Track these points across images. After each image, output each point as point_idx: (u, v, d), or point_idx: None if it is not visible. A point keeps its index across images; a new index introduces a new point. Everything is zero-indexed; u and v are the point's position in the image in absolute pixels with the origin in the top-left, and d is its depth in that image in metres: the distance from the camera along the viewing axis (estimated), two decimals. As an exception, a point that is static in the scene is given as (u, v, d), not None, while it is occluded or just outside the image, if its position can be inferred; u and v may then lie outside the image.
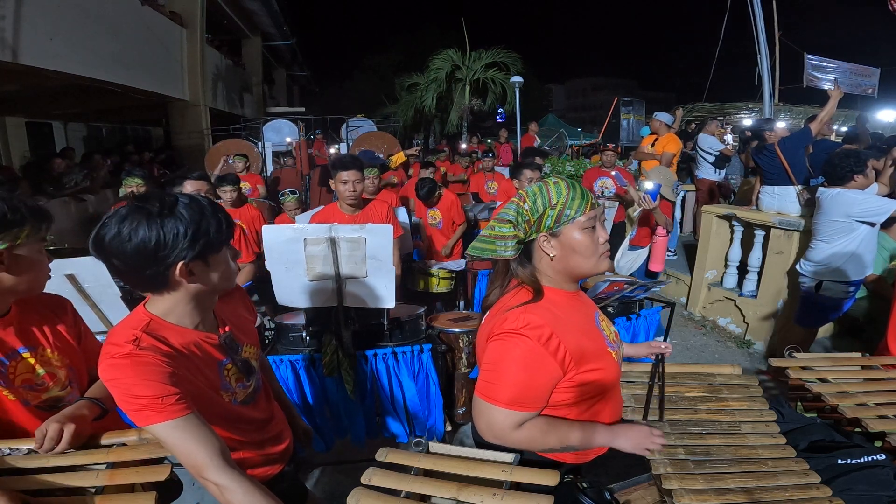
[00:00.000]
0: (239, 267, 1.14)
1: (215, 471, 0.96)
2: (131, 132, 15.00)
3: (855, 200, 2.87)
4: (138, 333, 1.01)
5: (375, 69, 24.36)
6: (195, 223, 1.00)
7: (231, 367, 1.18)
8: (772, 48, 8.21)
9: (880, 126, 7.96)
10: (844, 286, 2.99)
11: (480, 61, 15.08)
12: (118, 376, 0.97)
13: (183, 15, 10.46)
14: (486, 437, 1.15)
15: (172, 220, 0.98)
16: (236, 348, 1.20)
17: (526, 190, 1.17)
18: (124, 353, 0.98)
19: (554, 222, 1.13)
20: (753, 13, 5.70)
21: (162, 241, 0.97)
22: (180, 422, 0.96)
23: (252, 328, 1.34)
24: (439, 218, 4.28)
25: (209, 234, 1.02)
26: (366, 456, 1.41)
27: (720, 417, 1.40)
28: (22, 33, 5.76)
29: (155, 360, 0.98)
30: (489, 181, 6.02)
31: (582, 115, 46.15)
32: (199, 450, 0.97)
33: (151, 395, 0.95)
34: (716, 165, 5.96)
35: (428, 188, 4.20)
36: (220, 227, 1.04)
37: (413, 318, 2.49)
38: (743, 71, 7.20)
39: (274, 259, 2.13)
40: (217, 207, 1.07)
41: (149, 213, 0.97)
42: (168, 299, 1.07)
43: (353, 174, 2.75)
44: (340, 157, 2.95)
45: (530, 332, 1.08)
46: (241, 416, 1.21)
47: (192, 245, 0.99)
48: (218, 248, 1.06)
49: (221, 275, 1.10)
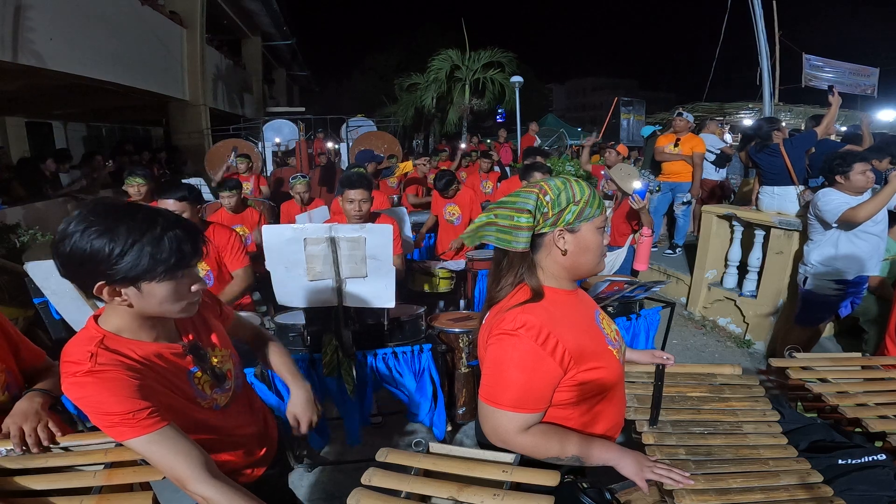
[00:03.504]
0: (198, 296, 1.05)
1: (198, 483, 0.95)
2: (131, 132, 15.00)
3: (818, 200, 3.01)
4: (93, 349, 0.96)
5: (375, 69, 24.36)
6: (125, 245, 0.91)
7: (201, 375, 1.14)
8: (772, 48, 8.22)
9: (880, 126, 7.95)
10: (832, 284, 3.05)
11: (480, 61, 15.09)
12: (85, 394, 0.94)
13: (183, 15, 10.46)
14: (492, 440, 1.14)
15: (104, 238, 0.91)
16: (203, 356, 1.15)
17: (548, 182, 1.14)
18: (84, 370, 0.94)
19: (575, 218, 1.12)
20: (753, 13, 5.69)
21: (86, 255, 0.91)
22: (155, 436, 0.94)
23: (220, 329, 1.27)
24: (458, 214, 4.23)
25: (139, 262, 0.93)
26: (366, 456, 1.41)
27: (723, 417, 1.39)
28: (22, 33, 5.76)
29: (118, 375, 0.95)
30: (484, 181, 6.02)
31: (582, 115, 46.16)
32: (180, 462, 0.95)
33: (122, 411, 0.92)
34: (716, 164, 5.94)
35: (446, 179, 4.14)
36: (161, 256, 0.94)
37: (413, 318, 2.48)
38: (743, 71, 7.21)
39: (274, 259, 2.13)
40: (178, 235, 0.97)
41: (90, 222, 0.92)
42: (115, 314, 1.02)
43: (359, 193, 2.71)
44: (348, 175, 2.91)
45: (527, 332, 1.07)
46: (223, 420, 1.18)
47: (113, 268, 0.92)
48: (153, 277, 0.95)
49: (162, 304, 1.00)
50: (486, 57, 15.02)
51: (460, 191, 4.26)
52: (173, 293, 1.00)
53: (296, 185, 4.29)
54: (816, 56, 8.36)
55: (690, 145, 5.34)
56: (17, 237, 3.90)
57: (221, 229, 2.65)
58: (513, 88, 11.00)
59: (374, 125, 11.35)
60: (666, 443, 1.28)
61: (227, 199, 3.67)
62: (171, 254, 0.95)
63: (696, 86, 11.62)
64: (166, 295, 0.99)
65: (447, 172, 4.26)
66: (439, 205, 4.27)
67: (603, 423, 1.22)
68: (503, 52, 14.96)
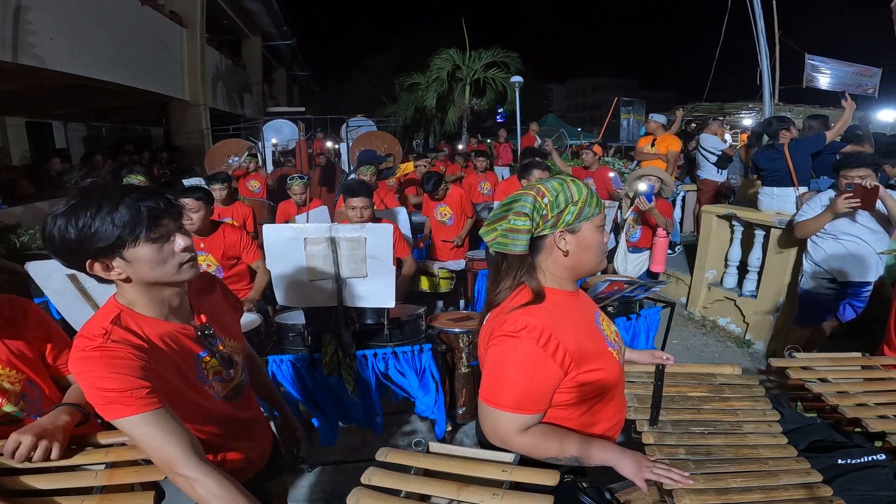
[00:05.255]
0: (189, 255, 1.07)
1: (187, 465, 0.94)
2: (131, 132, 14.99)
3: (810, 200, 3.11)
4: (108, 326, 1.00)
5: (375, 69, 24.33)
6: (87, 219, 0.96)
7: (209, 360, 1.15)
8: (772, 48, 8.21)
9: (880, 126, 7.95)
10: (825, 283, 3.10)
11: (480, 61, 15.08)
12: (87, 369, 0.95)
13: (183, 15, 10.46)
14: (491, 440, 1.15)
15: (70, 219, 0.96)
16: (213, 340, 1.17)
17: (545, 184, 1.14)
18: (94, 346, 0.97)
19: (574, 218, 1.12)
20: (753, 13, 5.69)
21: (65, 240, 0.96)
22: (150, 415, 0.94)
23: (235, 323, 1.31)
24: (449, 214, 4.23)
25: (104, 231, 0.96)
26: (366, 456, 1.41)
27: (723, 417, 1.39)
28: (22, 33, 5.76)
29: (126, 354, 0.97)
30: (482, 181, 6.01)
31: (582, 115, 46.17)
32: (170, 444, 0.95)
33: (121, 388, 0.93)
34: (717, 165, 5.95)
35: (434, 181, 4.13)
36: (122, 220, 0.97)
37: (413, 318, 2.49)
38: (743, 71, 7.21)
39: (274, 259, 2.13)
40: (136, 197, 0.99)
41: (58, 213, 0.97)
42: (124, 290, 1.06)
43: (361, 201, 2.84)
44: (349, 183, 3.06)
45: (528, 334, 1.07)
46: (223, 413, 1.18)
47: (89, 243, 0.96)
48: (127, 243, 0.98)
49: (153, 268, 1.02)
50: (488, 57, 15.01)
51: (450, 191, 4.26)
52: (157, 254, 1.02)
53: (293, 185, 4.30)
54: (817, 56, 8.34)
55: (665, 144, 5.58)
56: (16, 237, 3.90)
57: (231, 229, 2.86)
58: (513, 88, 10.99)
59: (373, 125, 11.33)
60: (666, 443, 1.28)
61: (217, 192, 3.77)
62: (131, 216, 0.97)
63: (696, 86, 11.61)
64: (152, 257, 1.01)
65: (434, 174, 4.25)
66: (430, 207, 4.27)
67: (602, 424, 1.22)
68: (505, 52, 14.95)
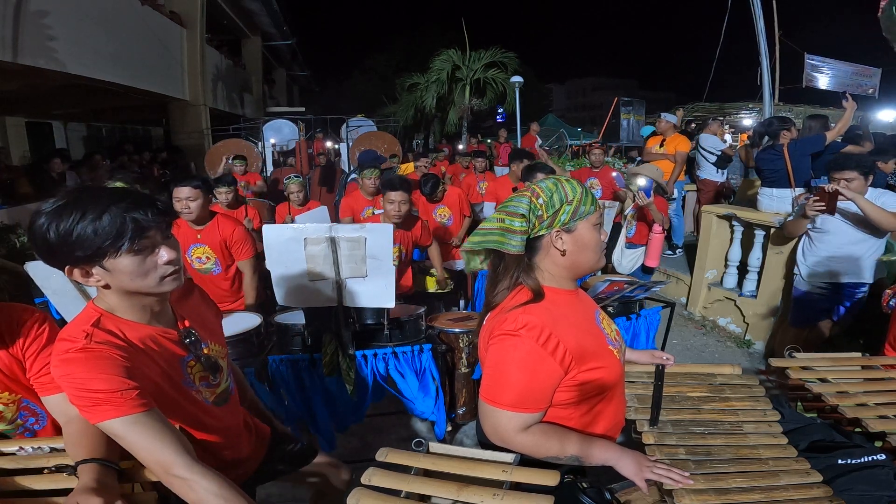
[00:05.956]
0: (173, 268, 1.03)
1: (183, 467, 0.92)
2: (131, 132, 15.00)
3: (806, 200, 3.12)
4: (89, 329, 0.97)
5: (375, 69, 24.35)
6: (69, 225, 0.91)
7: (194, 364, 1.12)
8: (772, 48, 8.22)
9: (880, 126, 7.95)
10: (817, 282, 3.11)
11: (480, 61, 15.09)
12: (71, 371, 0.92)
13: (183, 15, 10.46)
14: (492, 439, 1.15)
15: (52, 223, 0.92)
16: (198, 344, 1.14)
17: (539, 185, 1.15)
18: (77, 347, 0.93)
19: (570, 218, 1.13)
20: (754, 13, 5.69)
21: (47, 243, 0.92)
22: (141, 417, 0.91)
23: (217, 328, 1.28)
24: (448, 214, 4.22)
25: (85, 240, 0.91)
26: (366, 456, 1.41)
27: (723, 417, 1.39)
28: (22, 33, 5.76)
29: (111, 354, 0.94)
30: (480, 182, 6.02)
31: (582, 115, 46.17)
32: (164, 446, 0.92)
33: (109, 389, 0.90)
34: (717, 165, 5.96)
35: (432, 182, 4.10)
36: (105, 230, 0.92)
37: (413, 318, 2.48)
38: (743, 71, 7.21)
39: (274, 259, 2.13)
40: (124, 208, 0.94)
41: (42, 214, 0.93)
42: (104, 295, 1.02)
43: (400, 195, 2.91)
44: (390, 178, 3.16)
45: (528, 332, 1.08)
46: (212, 418, 1.16)
47: (68, 250, 0.92)
48: (108, 253, 0.94)
49: (133, 279, 0.98)
50: (488, 57, 15.02)
51: (447, 191, 4.27)
52: (139, 266, 0.98)
53: (289, 185, 4.27)
54: (817, 56, 8.34)
55: (674, 145, 5.57)
56: (16, 237, 3.90)
57: (226, 219, 2.72)
58: (513, 88, 10.99)
59: (374, 125, 11.34)
60: (666, 443, 1.28)
61: (223, 196, 3.73)
62: (115, 227, 0.93)
63: (696, 86, 11.65)
64: (133, 269, 0.97)
65: (431, 176, 4.24)
66: (428, 209, 4.23)
67: (603, 423, 1.23)
68: (504, 52, 14.96)
